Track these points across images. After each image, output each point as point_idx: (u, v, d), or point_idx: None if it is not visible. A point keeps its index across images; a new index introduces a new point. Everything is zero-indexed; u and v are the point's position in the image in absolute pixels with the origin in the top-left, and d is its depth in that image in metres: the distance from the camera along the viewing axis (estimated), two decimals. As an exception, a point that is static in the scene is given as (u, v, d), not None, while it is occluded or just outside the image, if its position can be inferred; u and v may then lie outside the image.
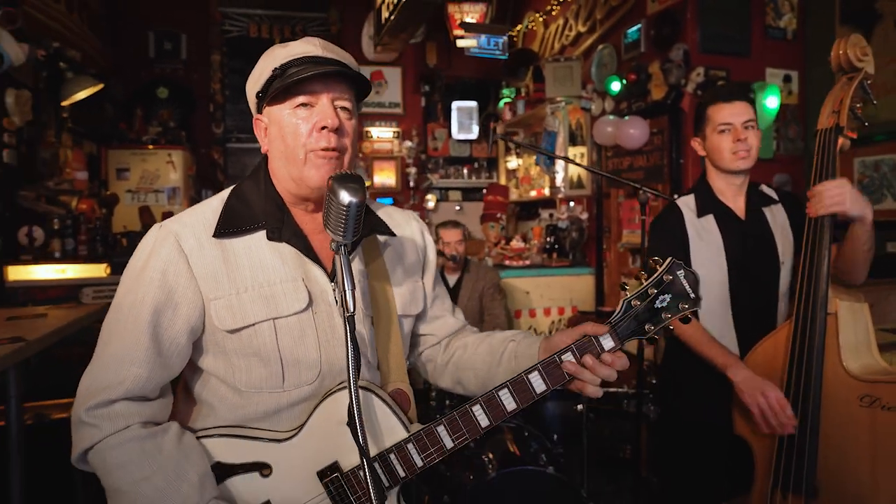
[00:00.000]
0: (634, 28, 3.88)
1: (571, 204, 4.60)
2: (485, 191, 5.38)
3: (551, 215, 4.89)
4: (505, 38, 3.80)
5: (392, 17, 3.84)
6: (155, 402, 0.97)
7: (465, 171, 6.27)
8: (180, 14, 5.54)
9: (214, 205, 1.04)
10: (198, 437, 0.98)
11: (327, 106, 0.99)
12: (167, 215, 2.37)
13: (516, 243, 4.58)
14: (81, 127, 4.41)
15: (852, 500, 1.48)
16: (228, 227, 1.00)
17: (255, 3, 5.70)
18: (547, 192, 4.83)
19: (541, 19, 5.19)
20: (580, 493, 2.22)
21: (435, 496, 2.45)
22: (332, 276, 1.02)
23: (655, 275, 1.03)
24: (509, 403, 0.99)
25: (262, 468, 0.97)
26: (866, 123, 1.67)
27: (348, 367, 0.85)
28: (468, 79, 6.31)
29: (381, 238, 1.12)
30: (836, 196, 1.55)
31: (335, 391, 0.99)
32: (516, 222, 5.81)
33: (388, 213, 1.18)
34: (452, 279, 3.50)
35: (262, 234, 1.02)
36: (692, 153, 3.41)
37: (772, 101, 3.44)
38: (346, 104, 1.01)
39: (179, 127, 5.36)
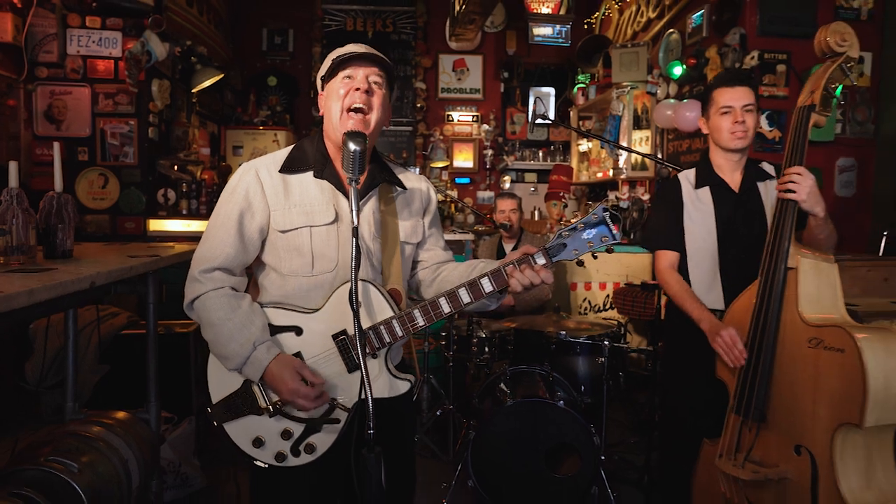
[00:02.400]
0: (699, 13, 3.98)
1: (625, 188, 4.76)
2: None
3: (616, 197, 5.08)
4: (568, 27, 4.07)
5: (462, 9, 4.23)
6: (237, 277, 1.48)
7: (541, 153, 6.54)
8: (289, 12, 6.24)
9: (283, 152, 1.54)
10: (261, 306, 1.47)
11: (362, 76, 1.45)
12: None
13: (576, 221, 4.83)
14: (206, 110, 5.26)
15: (796, 426, 1.68)
16: (289, 166, 1.49)
17: (352, -1, 6.31)
18: (611, 173, 5.02)
19: (616, 6, 5.34)
20: (588, 428, 2.52)
21: (469, 422, 2.88)
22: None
23: (586, 215, 1.39)
24: (465, 297, 1.40)
25: (297, 330, 1.44)
26: (842, 102, 1.83)
27: (352, 260, 1.29)
28: (546, 65, 6.55)
29: (396, 189, 1.57)
30: (794, 185, 1.74)
31: (348, 282, 1.44)
32: (586, 203, 6.01)
33: (406, 176, 1.62)
34: (508, 247, 3.85)
35: (311, 173, 1.48)
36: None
37: (832, 84, 3.44)
38: (377, 79, 1.47)
39: (285, 111, 6.10)
